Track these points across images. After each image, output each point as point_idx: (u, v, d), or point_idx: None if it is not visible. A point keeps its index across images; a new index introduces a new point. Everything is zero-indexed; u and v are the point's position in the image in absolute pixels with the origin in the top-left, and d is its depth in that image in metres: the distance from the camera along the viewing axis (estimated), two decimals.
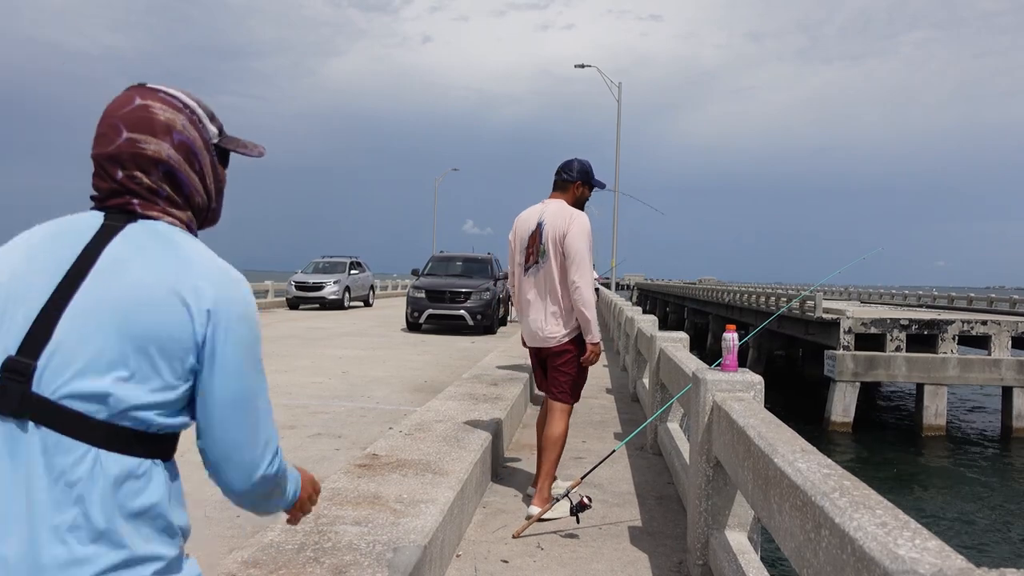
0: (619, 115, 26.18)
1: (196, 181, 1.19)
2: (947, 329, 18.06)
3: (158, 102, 1.14)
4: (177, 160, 1.15)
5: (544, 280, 3.83)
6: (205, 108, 1.23)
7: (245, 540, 3.05)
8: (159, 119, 1.13)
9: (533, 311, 3.89)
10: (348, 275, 22.82)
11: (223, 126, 1.27)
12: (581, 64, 26.04)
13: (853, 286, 57.74)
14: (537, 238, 3.84)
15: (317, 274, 22.59)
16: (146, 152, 1.12)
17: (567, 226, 3.74)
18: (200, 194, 1.20)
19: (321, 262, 23.75)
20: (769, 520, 2.01)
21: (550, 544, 3.40)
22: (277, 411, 6.05)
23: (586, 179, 3.95)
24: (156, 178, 1.13)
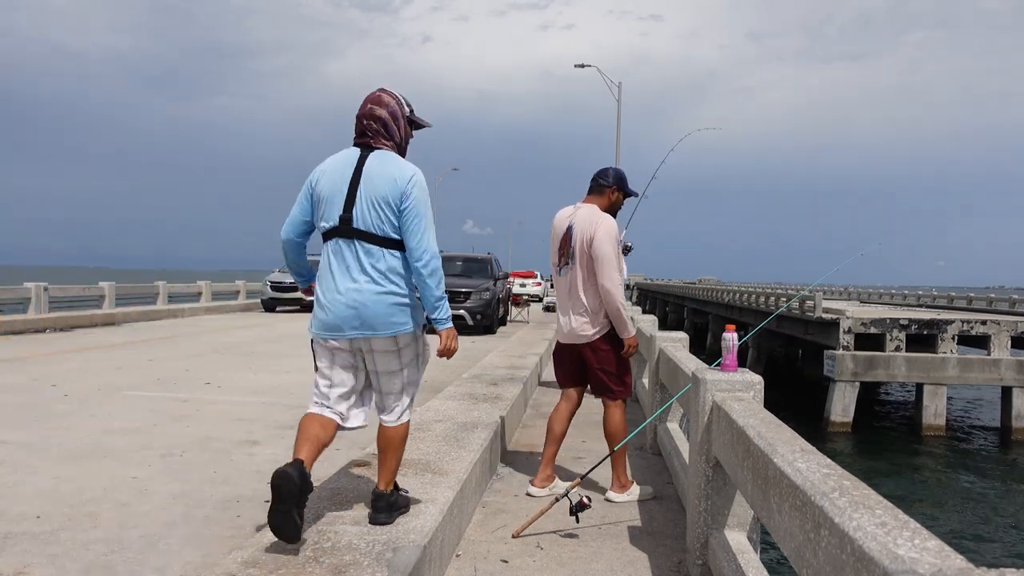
0: (619, 115, 26.18)
1: (396, 132, 2.84)
2: (947, 329, 18.07)
3: (384, 93, 2.84)
4: (388, 119, 2.81)
5: (571, 281, 4.01)
6: (404, 98, 2.88)
7: (245, 540, 3.05)
8: (383, 99, 2.82)
9: (565, 310, 4.11)
10: None
11: (413, 109, 2.92)
12: (581, 64, 26.03)
13: (853, 286, 57.75)
14: (568, 241, 4.01)
15: None
16: (375, 113, 2.80)
17: (594, 230, 3.89)
18: (399, 138, 2.86)
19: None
20: (769, 520, 2.01)
21: (550, 544, 3.40)
22: (277, 411, 6.08)
23: (621, 186, 4.14)
24: (379, 127, 2.79)
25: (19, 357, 9.34)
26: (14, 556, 2.95)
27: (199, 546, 3.13)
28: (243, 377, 7.92)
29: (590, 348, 4.04)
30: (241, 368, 8.62)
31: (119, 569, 2.86)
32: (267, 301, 20.84)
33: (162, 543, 3.14)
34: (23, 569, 2.82)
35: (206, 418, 5.71)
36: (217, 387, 7.20)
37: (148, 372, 8.12)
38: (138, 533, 3.25)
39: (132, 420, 5.56)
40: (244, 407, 6.20)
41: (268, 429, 5.39)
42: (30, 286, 14.98)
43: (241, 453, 4.68)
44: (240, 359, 9.51)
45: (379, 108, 2.84)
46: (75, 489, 3.84)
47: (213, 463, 4.42)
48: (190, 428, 5.34)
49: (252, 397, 6.69)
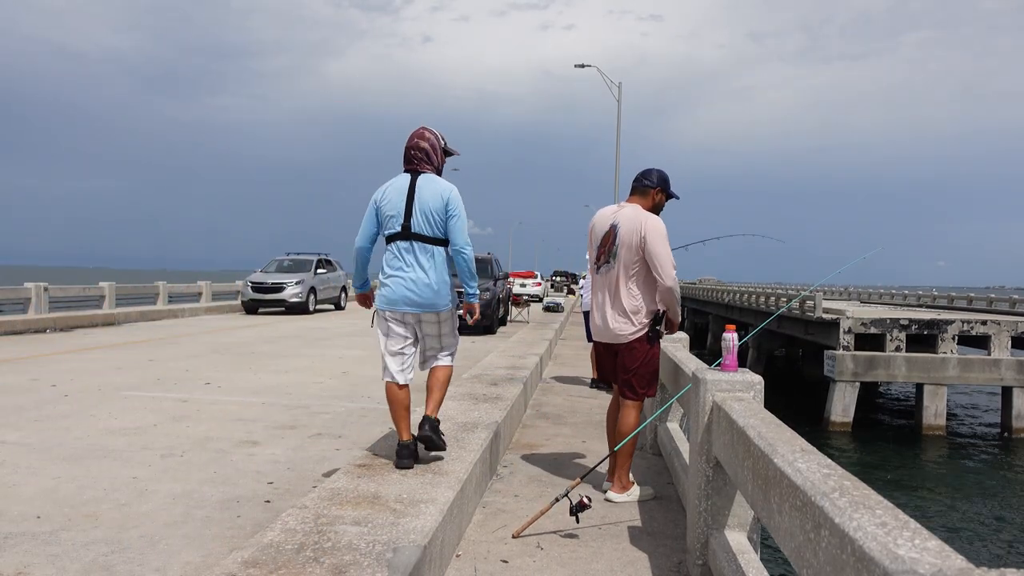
0: (619, 115, 26.19)
1: (435, 159, 3.82)
2: (947, 329, 18.07)
3: (426, 130, 3.82)
4: (429, 150, 3.79)
5: (613, 280, 4.03)
6: (441, 134, 3.87)
7: (245, 540, 3.05)
8: (425, 134, 3.81)
9: (601, 308, 4.13)
10: (314, 274, 20.36)
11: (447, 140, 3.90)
12: (581, 64, 26.05)
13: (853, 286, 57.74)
14: (611, 240, 4.03)
15: (278, 274, 19.97)
16: (420, 145, 3.78)
17: (643, 232, 3.91)
18: (437, 163, 3.83)
19: (284, 260, 21.19)
20: (769, 520, 2.01)
21: (550, 544, 3.40)
22: (277, 411, 6.08)
23: (665, 187, 4.17)
24: (423, 156, 3.78)
25: (19, 357, 9.35)
26: (14, 556, 2.95)
27: (199, 546, 3.13)
28: (243, 377, 7.92)
29: (627, 348, 4.07)
30: (241, 368, 8.63)
31: (119, 569, 2.86)
32: (248, 303, 19.35)
33: (162, 543, 3.14)
34: (23, 569, 2.82)
35: (206, 418, 5.71)
36: (217, 387, 7.20)
37: (148, 372, 8.12)
38: (138, 533, 3.25)
39: (132, 420, 5.56)
40: (244, 407, 6.20)
41: (268, 429, 5.39)
42: (30, 286, 14.98)
43: (241, 453, 4.68)
44: (240, 359, 9.51)
45: (422, 141, 3.83)
46: (75, 489, 3.84)
47: (213, 463, 4.42)
48: (190, 428, 5.34)
49: (252, 397, 6.69)
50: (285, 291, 19.03)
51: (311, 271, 20.34)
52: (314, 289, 19.99)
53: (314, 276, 20.27)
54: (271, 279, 19.34)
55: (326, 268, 21.40)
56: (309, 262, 20.80)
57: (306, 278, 19.70)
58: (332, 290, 21.74)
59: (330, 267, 21.91)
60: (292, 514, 2.88)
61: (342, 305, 22.58)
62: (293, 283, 19.15)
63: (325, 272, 21.16)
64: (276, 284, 19.15)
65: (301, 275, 19.72)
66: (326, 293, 21.13)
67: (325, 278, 21.09)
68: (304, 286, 19.39)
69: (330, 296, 21.60)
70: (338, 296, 22.29)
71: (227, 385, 7.35)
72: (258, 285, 19.15)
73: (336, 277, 22.22)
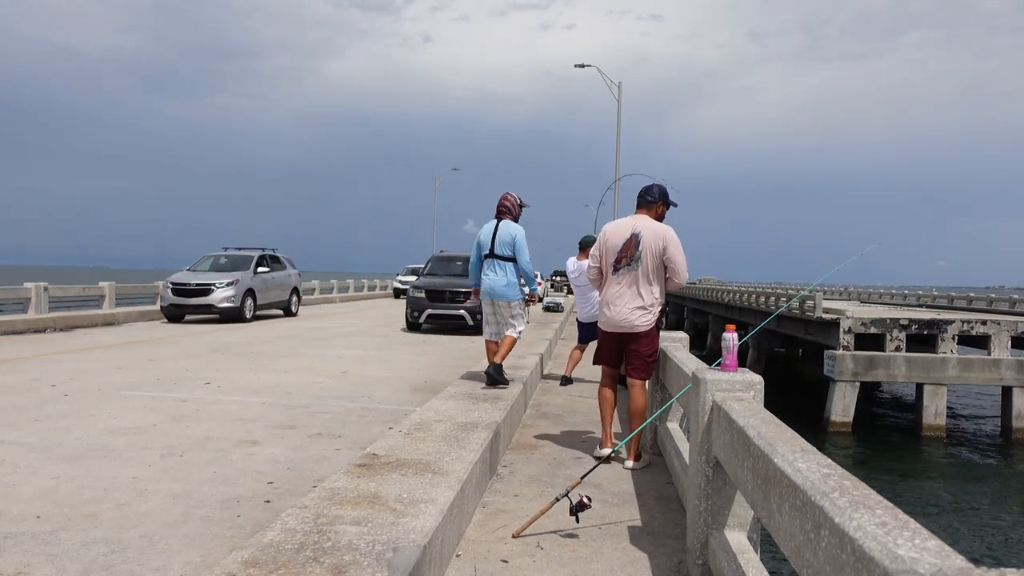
0: (619, 115, 26.18)
1: (512, 211, 6.59)
2: (947, 329, 18.06)
3: (509, 195, 6.63)
4: (510, 207, 6.59)
5: (634, 281, 4.69)
6: (518, 196, 6.68)
7: (245, 540, 3.05)
8: (508, 197, 6.61)
9: (620, 303, 4.74)
10: (253, 274, 16.94)
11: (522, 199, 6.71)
12: (581, 64, 26.05)
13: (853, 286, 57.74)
14: (633, 247, 4.68)
15: (208, 273, 16.73)
16: (504, 204, 6.58)
17: (664, 242, 4.65)
18: (515, 215, 6.61)
19: (221, 256, 17.79)
20: (769, 520, 2.00)
21: (550, 544, 3.40)
22: (277, 411, 6.08)
23: (665, 199, 4.92)
24: (506, 209, 6.56)
25: (19, 357, 9.34)
26: (14, 556, 2.95)
27: (199, 546, 3.13)
28: (243, 377, 7.92)
29: (644, 336, 4.75)
30: (241, 368, 8.62)
31: (119, 569, 2.86)
32: (169, 309, 15.90)
33: (162, 543, 3.14)
34: (23, 569, 2.82)
35: (206, 418, 5.71)
36: (217, 387, 7.20)
37: (148, 372, 8.12)
38: (138, 533, 3.25)
39: (132, 420, 5.56)
40: (244, 407, 6.20)
41: (268, 429, 5.39)
42: (30, 286, 14.97)
43: (241, 453, 4.68)
44: (240, 359, 9.51)
45: (506, 202, 6.58)
46: (75, 489, 3.84)
47: (213, 463, 4.41)
48: (190, 428, 5.34)
49: (252, 397, 6.69)
50: (213, 294, 15.74)
51: (249, 269, 16.98)
52: (252, 291, 16.63)
53: (253, 276, 16.92)
54: (196, 279, 16.05)
55: (270, 266, 17.96)
56: (248, 259, 17.44)
57: (242, 278, 16.39)
58: (279, 292, 18.23)
59: (277, 265, 18.48)
60: (292, 514, 2.88)
61: (293, 310, 19.06)
62: (223, 284, 15.89)
63: (268, 271, 17.70)
64: (202, 286, 15.82)
65: (235, 275, 16.44)
66: (270, 296, 17.71)
67: (268, 278, 17.64)
68: (238, 288, 16.08)
69: (276, 300, 18.10)
70: (288, 300, 18.72)
71: (227, 385, 7.35)
72: (180, 287, 15.87)
73: (284, 277, 18.66)
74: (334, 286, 31.14)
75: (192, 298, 15.75)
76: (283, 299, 18.49)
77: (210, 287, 15.84)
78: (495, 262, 6.38)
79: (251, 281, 16.74)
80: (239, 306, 16.01)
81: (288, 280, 18.84)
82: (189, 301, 15.75)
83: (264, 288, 17.35)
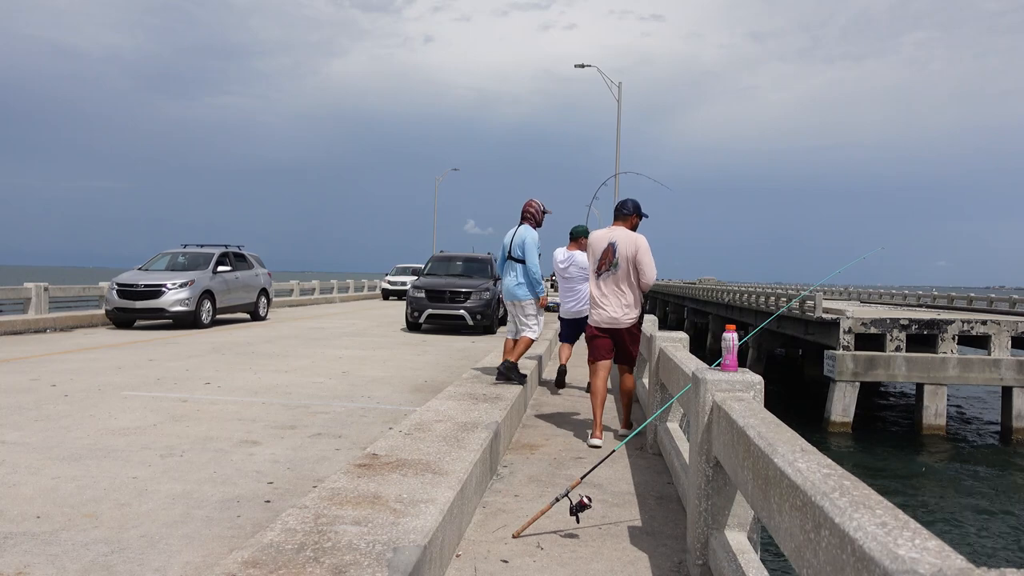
0: (619, 115, 26.19)
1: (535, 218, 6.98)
2: (947, 329, 18.06)
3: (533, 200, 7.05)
4: (533, 213, 6.98)
5: (615, 283, 5.47)
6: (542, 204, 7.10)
7: (245, 540, 3.05)
8: (532, 203, 7.03)
9: (606, 303, 5.51)
10: (212, 274, 15.05)
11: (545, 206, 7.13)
12: (581, 64, 26.05)
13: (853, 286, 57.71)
14: (611, 254, 5.44)
15: (160, 273, 14.78)
16: (528, 210, 6.99)
17: (636, 248, 5.41)
18: (536, 221, 6.99)
19: (178, 253, 15.86)
20: (769, 520, 2.00)
21: (550, 544, 3.40)
22: (277, 411, 6.08)
23: (638, 211, 5.70)
24: (529, 215, 6.97)
25: (19, 357, 9.34)
26: (14, 556, 2.95)
27: (199, 546, 3.13)
28: (243, 377, 7.92)
29: (627, 331, 5.54)
30: (241, 368, 8.62)
31: (119, 569, 2.86)
32: (115, 314, 14.01)
33: (162, 543, 3.14)
34: (23, 569, 2.82)
35: (206, 418, 5.71)
36: (217, 387, 7.20)
37: (148, 372, 8.12)
38: (138, 533, 3.24)
39: (132, 420, 5.56)
40: (244, 407, 6.20)
41: (268, 429, 5.39)
42: (30, 286, 14.97)
43: (241, 453, 4.68)
44: (240, 359, 9.51)
45: (530, 208, 6.94)
46: (75, 489, 3.84)
47: (213, 463, 4.41)
48: (190, 428, 5.34)
49: (252, 397, 6.69)
50: (164, 296, 13.85)
51: (208, 269, 15.06)
52: (211, 293, 14.78)
53: (212, 276, 15.01)
54: (145, 280, 14.09)
55: (233, 265, 16.04)
56: (207, 257, 15.49)
57: (198, 278, 14.50)
58: (244, 294, 16.32)
59: (242, 264, 16.61)
60: (292, 514, 2.88)
61: (262, 314, 17.12)
62: (176, 286, 14.00)
63: (230, 271, 15.77)
64: (151, 287, 13.89)
65: (191, 274, 14.57)
66: (233, 298, 15.85)
67: (231, 279, 15.74)
68: (193, 290, 14.18)
69: (241, 302, 16.23)
70: (255, 302, 16.81)
71: (227, 385, 7.36)
72: (127, 289, 13.95)
73: (250, 277, 16.71)
74: (334, 286, 31.15)
75: (139, 301, 13.82)
76: (248, 302, 16.57)
77: (160, 289, 13.89)
78: (511, 264, 6.90)
79: (209, 282, 14.83)
80: (194, 310, 14.12)
81: (255, 281, 16.88)
82: (136, 304, 13.82)
83: (226, 290, 15.44)
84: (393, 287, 31.68)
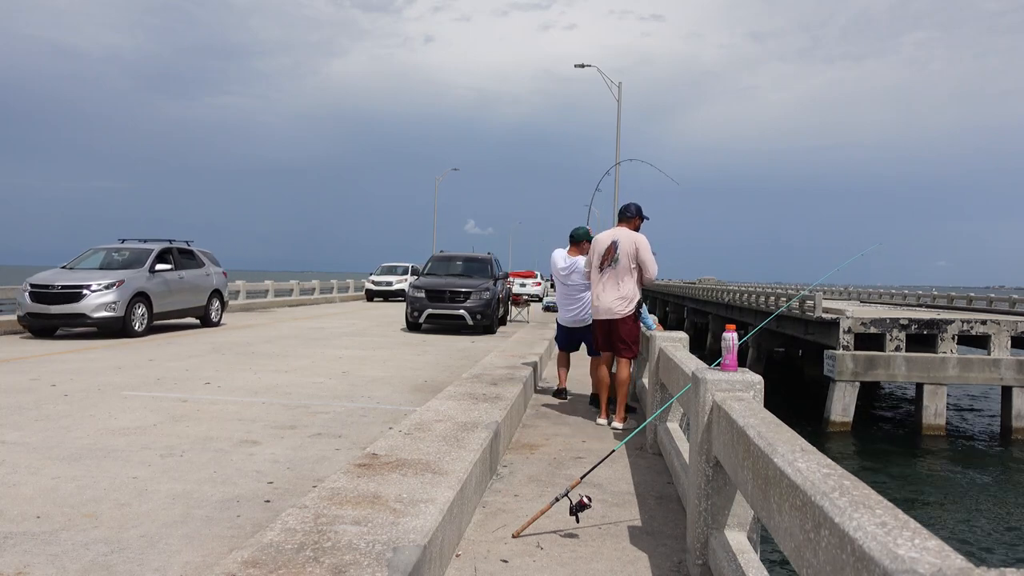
0: (619, 115, 26.18)
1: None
2: (947, 329, 18.06)
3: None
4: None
5: (614, 278, 6.04)
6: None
7: (245, 540, 3.05)
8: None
9: (603, 295, 6.07)
10: (149, 273, 12.98)
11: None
12: (581, 64, 26.04)
13: (853, 286, 57.72)
14: (613, 251, 6.02)
15: (84, 272, 12.69)
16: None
17: (636, 246, 5.99)
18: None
19: (112, 249, 13.75)
20: (769, 520, 2.01)
21: (550, 544, 3.40)
22: (277, 411, 6.08)
23: (640, 214, 6.27)
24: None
25: (19, 357, 9.34)
26: (14, 556, 2.95)
27: (199, 546, 3.13)
28: (243, 377, 7.92)
29: (620, 321, 6.04)
30: (241, 368, 8.63)
31: (119, 569, 2.86)
32: (27, 319, 12.03)
33: (162, 543, 3.14)
34: (23, 569, 2.82)
35: (206, 418, 5.71)
36: (217, 387, 7.20)
37: (148, 372, 8.12)
38: (138, 533, 3.24)
39: (132, 420, 5.56)
40: (244, 407, 6.20)
41: (268, 429, 5.39)
42: None
43: (241, 453, 4.68)
44: (240, 359, 9.51)
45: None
46: (75, 489, 3.84)
47: (213, 463, 4.41)
48: (190, 428, 5.34)
49: (252, 397, 6.69)
50: (85, 300, 11.80)
51: (144, 267, 12.96)
52: (146, 296, 12.65)
53: (149, 276, 12.93)
54: (64, 280, 12.07)
55: (176, 263, 13.94)
56: (145, 253, 13.38)
57: (130, 278, 12.43)
58: (190, 296, 14.20)
59: (189, 262, 14.52)
60: (292, 514, 2.88)
61: (214, 319, 15.04)
62: (101, 287, 11.93)
63: (171, 269, 13.62)
64: (69, 289, 11.88)
65: (121, 274, 12.48)
66: (176, 301, 13.70)
67: (172, 279, 13.61)
68: (122, 292, 12.09)
69: (186, 306, 14.08)
70: (205, 306, 14.67)
71: (227, 385, 7.36)
72: (41, 291, 11.93)
73: (199, 277, 14.58)
74: (334, 286, 31.14)
75: (56, 305, 11.84)
76: (196, 305, 14.39)
77: (80, 291, 11.85)
78: None
79: (145, 282, 12.74)
80: (122, 316, 12.02)
81: (204, 281, 14.70)
82: (51, 309, 11.84)
83: (166, 292, 13.34)
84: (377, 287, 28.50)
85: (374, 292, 28.55)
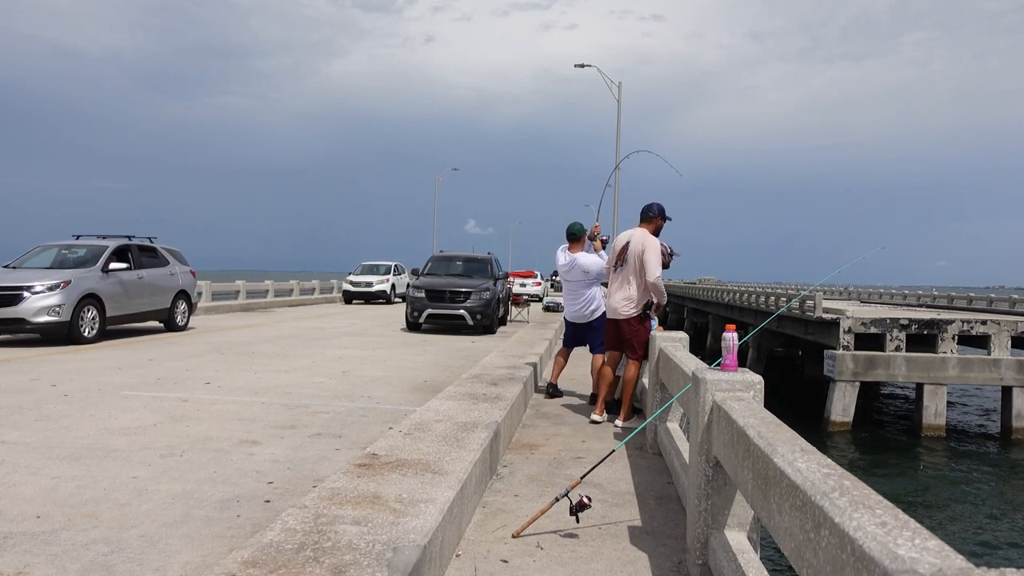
0: (619, 115, 26.17)
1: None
2: (947, 329, 18.06)
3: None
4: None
5: (624, 277, 6.11)
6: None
7: (245, 540, 3.05)
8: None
9: (615, 295, 6.18)
10: (103, 273, 11.70)
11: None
12: (581, 64, 26.04)
13: (853, 286, 57.72)
14: (624, 252, 6.10)
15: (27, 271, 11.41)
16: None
17: (643, 248, 5.94)
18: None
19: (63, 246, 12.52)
20: (769, 520, 2.00)
21: (550, 544, 3.40)
22: (277, 411, 6.08)
23: (662, 214, 6.18)
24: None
25: (19, 357, 9.34)
26: (14, 556, 2.94)
27: (199, 546, 3.13)
28: (243, 377, 7.92)
29: (626, 322, 6.11)
30: (241, 368, 8.62)
31: (119, 569, 2.86)
32: None
33: (162, 543, 3.14)
34: (23, 569, 2.82)
35: (206, 418, 5.71)
36: (217, 387, 7.20)
37: (148, 372, 8.12)
38: (138, 533, 3.24)
39: (132, 420, 5.56)
40: (244, 407, 6.20)
41: (268, 429, 5.39)
42: None
43: (241, 453, 4.68)
44: (240, 359, 9.51)
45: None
46: (75, 489, 3.84)
47: (213, 463, 4.41)
48: (190, 428, 5.34)
49: (252, 397, 6.69)
50: (25, 303, 10.53)
51: (95, 267, 11.69)
52: (97, 298, 11.40)
53: (102, 276, 11.67)
54: (2, 281, 10.81)
55: (134, 262, 12.58)
56: (99, 251, 12.09)
57: (78, 279, 11.19)
58: (152, 298, 12.90)
59: (152, 260, 13.21)
60: (292, 514, 2.88)
61: (179, 322, 13.71)
62: (44, 289, 10.67)
63: (128, 268, 12.25)
64: (7, 291, 10.59)
65: (69, 274, 11.25)
66: (135, 304, 12.42)
67: (130, 280, 12.30)
68: (68, 294, 10.82)
69: (146, 308, 12.79)
70: (169, 308, 13.39)
71: (227, 385, 7.35)
72: None
73: (161, 277, 13.26)
74: (334, 286, 31.16)
75: None
76: (158, 308, 13.09)
77: (19, 293, 10.53)
78: None
79: (97, 283, 11.47)
80: (68, 320, 10.73)
81: (168, 281, 13.41)
82: None
83: (122, 293, 12.05)
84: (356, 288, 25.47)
85: (352, 294, 25.60)
